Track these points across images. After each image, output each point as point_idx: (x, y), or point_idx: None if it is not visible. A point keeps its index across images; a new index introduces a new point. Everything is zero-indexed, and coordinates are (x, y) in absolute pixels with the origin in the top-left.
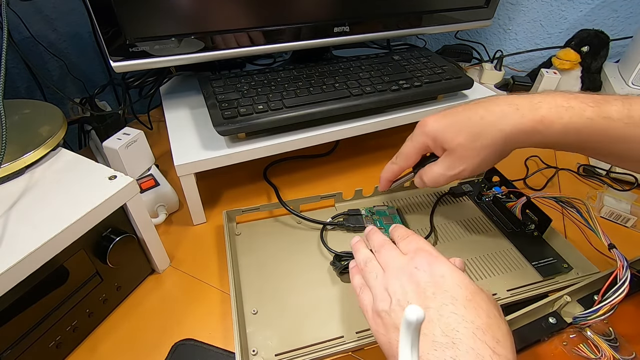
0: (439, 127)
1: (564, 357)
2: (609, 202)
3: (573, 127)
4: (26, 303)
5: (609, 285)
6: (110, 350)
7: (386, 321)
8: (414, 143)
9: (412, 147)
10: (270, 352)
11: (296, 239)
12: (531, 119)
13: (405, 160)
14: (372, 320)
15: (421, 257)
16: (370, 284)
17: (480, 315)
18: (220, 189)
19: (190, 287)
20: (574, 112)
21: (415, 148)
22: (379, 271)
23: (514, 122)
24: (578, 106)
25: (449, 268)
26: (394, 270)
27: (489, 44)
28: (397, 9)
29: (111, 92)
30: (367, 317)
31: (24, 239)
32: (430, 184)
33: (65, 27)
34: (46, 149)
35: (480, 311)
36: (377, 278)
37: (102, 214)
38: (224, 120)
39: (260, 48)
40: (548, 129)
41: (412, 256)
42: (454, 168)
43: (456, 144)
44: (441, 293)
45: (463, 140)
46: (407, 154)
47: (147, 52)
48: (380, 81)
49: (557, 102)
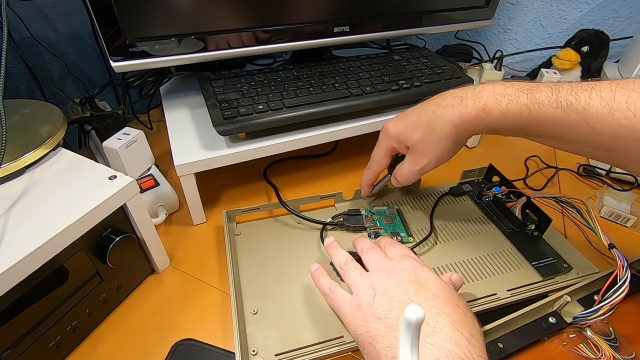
0: (399, 128)
1: (564, 356)
2: (609, 202)
3: (511, 112)
4: (26, 303)
5: (609, 285)
6: (110, 350)
7: (366, 312)
8: (381, 147)
9: (380, 151)
10: (270, 352)
11: (296, 239)
12: (474, 108)
13: (378, 164)
14: (349, 316)
15: (408, 261)
16: (352, 282)
17: (458, 312)
18: (220, 189)
19: (190, 287)
20: (510, 98)
21: (383, 152)
22: (362, 271)
23: (460, 113)
24: (514, 93)
25: (433, 275)
26: (380, 270)
27: (489, 44)
28: (397, 9)
29: (111, 92)
30: (343, 314)
31: (24, 239)
32: (403, 181)
33: (65, 27)
34: (46, 149)
35: (458, 309)
36: (361, 277)
37: (102, 214)
38: (224, 120)
39: (260, 48)
40: (489, 115)
41: (399, 260)
42: (419, 162)
43: (415, 139)
44: (424, 291)
45: (421, 136)
46: (378, 159)
47: (147, 52)
48: (380, 81)
49: (496, 91)
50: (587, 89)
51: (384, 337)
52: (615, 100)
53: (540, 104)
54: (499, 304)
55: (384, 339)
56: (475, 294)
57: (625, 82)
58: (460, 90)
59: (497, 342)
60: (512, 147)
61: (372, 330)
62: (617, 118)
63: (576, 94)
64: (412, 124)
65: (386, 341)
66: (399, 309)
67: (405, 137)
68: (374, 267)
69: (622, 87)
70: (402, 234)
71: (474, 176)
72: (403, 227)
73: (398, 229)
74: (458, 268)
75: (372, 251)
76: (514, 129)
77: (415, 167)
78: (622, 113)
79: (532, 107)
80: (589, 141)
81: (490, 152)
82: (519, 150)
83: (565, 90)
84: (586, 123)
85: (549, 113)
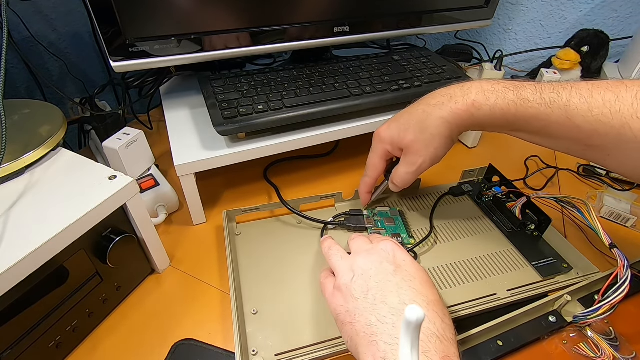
0: (391, 132)
1: (564, 355)
2: (609, 202)
3: (499, 108)
4: (26, 303)
5: (609, 285)
6: (110, 350)
7: (345, 292)
8: (375, 153)
9: (375, 157)
10: (270, 352)
11: (296, 239)
12: (464, 104)
13: (374, 170)
14: (330, 296)
15: (387, 243)
16: (334, 265)
17: (433, 293)
18: (220, 189)
19: (190, 287)
20: (498, 95)
21: (378, 157)
22: (344, 254)
23: (450, 109)
24: (501, 90)
25: (410, 258)
26: (360, 251)
27: (489, 44)
28: (397, 9)
29: (111, 92)
30: (326, 295)
31: (24, 239)
32: (401, 184)
33: (65, 27)
34: (46, 149)
35: (432, 289)
36: (342, 259)
37: (102, 214)
38: (224, 120)
39: (261, 48)
40: (479, 110)
41: (379, 242)
42: (414, 163)
43: (409, 140)
44: (401, 272)
45: (413, 136)
46: (373, 165)
47: (147, 52)
48: (380, 81)
49: (484, 87)
50: (567, 87)
51: (362, 316)
52: (593, 98)
53: (526, 100)
54: (499, 304)
55: (362, 317)
56: (475, 294)
57: (600, 83)
58: (449, 88)
59: (497, 339)
60: (512, 147)
61: (351, 310)
62: (596, 114)
63: (558, 92)
64: (404, 125)
65: (364, 320)
66: (376, 289)
67: (398, 139)
68: (356, 250)
69: (598, 87)
70: (404, 235)
71: (474, 176)
72: (404, 229)
73: (399, 231)
74: (458, 268)
75: (357, 238)
76: (501, 125)
77: (411, 168)
78: (599, 110)
79: (519, 103)
80: (569, 137)
81: (490, 152)
82: (519, 150)
83: (547, 88)
84: (567, 119)
85: (533, 109)
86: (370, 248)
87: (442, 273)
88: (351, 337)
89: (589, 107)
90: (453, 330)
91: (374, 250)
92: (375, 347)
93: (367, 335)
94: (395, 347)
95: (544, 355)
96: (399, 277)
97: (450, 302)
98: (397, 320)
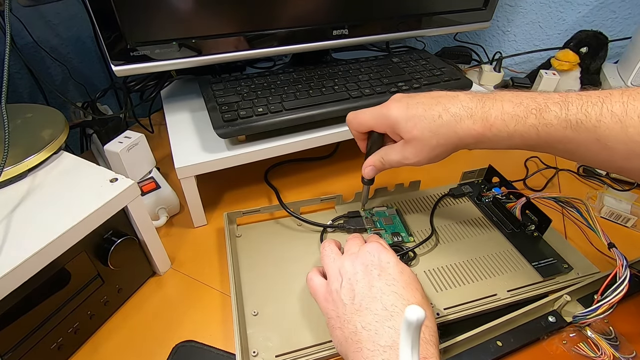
0: (401, 116)
1: (564, 355)
2: (609, 202)
3: (518, 134)
4: (28, 305)
5: (608, 284)
6: (112, 351)
7: (335, 298)
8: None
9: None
10: (271, 353)
11: (296, 241)
12: (481, 126)
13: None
14: (323, 301)
15: (373, 245)
16: (326, 266)
17: (415, 296)
18: (220, 192)
19: (191, 289)
20: (518, 119)
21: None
22: (337, 254)
23: (466, 127)
24: (522, 114)
25: (395, 259)
26: (350, 254)
27: (488, 45)
28: (396, 11)
29: (112, 96)
30: (318, 299)
31: (26, 241)
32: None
33: (68, 32)
34: (48, 153)
35: (415, 292)
36: (334, 261)
37: (104, 216)
38: (224, 122)
39: (260, 51)
40: (496, 135)
41: (367, 244)
42: (409, 159)
43: (413, 136)
44: (385, 275)
45: (420, 135)
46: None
47: (148, 56)
48: (380, 83)
49: (504, 110)
50: (598, 104)
51: (349, 322)
52: (628, 116)
53: (549, 124)
54: (500, 305)
55: (349, 323)
56: (475, 295)
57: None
58: (470, 100)
59: (496, 340)
60: None
61: (341, 315)
62: (631, 134)
63: (586, 110)
64: (416, 119)
65: (351, 327)
66: (362, 295)
67: (405, 128)
68: (347, 251)
69: (634, 99)
70: (403, 234)
71: (473, 177)
72: (403, 227)
73: (398, 229)
74: (458, 269)
75: (351, 239)
76: (520, 147)
77: (405, 161)
78: (635, 129)
79: (541, 128)
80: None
81: (490, 153)
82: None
83: (574, 106)
84: (597, 141)
85: (558, 133)
86: (358, 250)
87: (442, 274)
88: (340, 343)
89: (622, 127)
90: (433, 332)
91: (360, 252)
92: (359, 353)
93: (353, 342)
94: (376, 353)
95: (544, 356)
96: (382, 282)
97: (451, 303)
98: (379, 327)
